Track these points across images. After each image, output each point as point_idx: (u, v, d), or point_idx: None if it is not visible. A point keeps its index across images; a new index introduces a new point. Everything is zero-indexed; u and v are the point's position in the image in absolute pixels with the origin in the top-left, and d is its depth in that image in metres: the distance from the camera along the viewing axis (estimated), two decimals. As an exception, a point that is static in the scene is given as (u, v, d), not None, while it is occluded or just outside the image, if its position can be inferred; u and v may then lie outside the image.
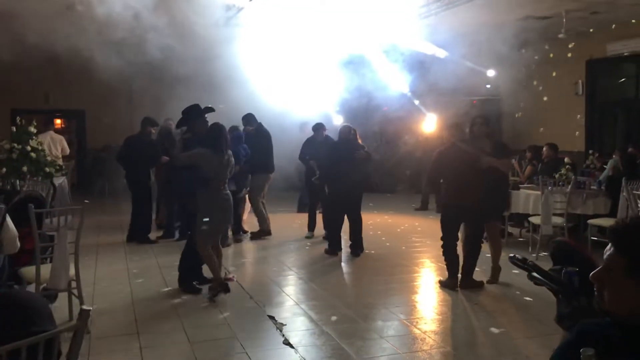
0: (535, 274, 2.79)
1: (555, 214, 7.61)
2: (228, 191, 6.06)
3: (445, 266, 6.39)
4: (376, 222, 10.50)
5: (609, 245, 1.65)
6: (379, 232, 9.59)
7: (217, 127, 6.02)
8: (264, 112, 9.54)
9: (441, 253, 6.42)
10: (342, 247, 8.16)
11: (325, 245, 8.17)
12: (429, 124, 12.80)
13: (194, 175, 5.86)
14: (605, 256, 1.65)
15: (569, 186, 7.68)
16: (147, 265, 7.32)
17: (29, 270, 4.83)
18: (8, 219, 4.18)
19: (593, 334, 1.61)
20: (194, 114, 6.17)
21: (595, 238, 7.52)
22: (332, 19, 9.56)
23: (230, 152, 6.10)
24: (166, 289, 6.21)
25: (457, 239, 6.37)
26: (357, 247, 8.02)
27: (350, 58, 11.41)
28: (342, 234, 8.24)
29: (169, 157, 8.81)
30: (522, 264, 2.90)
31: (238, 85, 10.14)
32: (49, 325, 1.70)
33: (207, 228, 5.85)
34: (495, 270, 6.49)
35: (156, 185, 9.58)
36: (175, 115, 11.11)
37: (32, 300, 1.77)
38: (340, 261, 7.77)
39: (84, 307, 1.80)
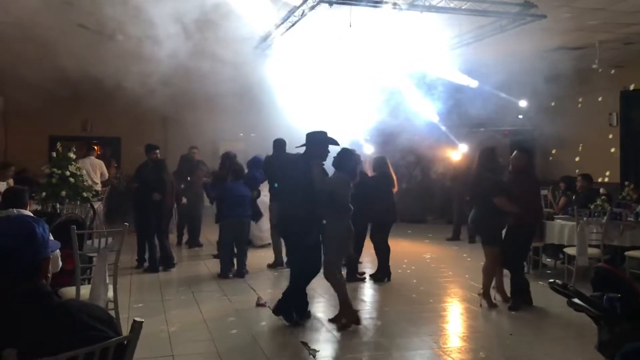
0: (576, 300, 2.78)
1: (590, 246, 7.49)
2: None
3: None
4: (407, 251, 10.42)
5: None
6: (410, 261, 9.52)
7: (351, 152, 5.97)
8: (295, 140, 9.60)
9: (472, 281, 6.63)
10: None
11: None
12: (459, 154, 12.78)
13: (329, 201, 5.64)
14: None
15: (605, 217, 7.56)
16: (180, 291, 7.38)
17: (68, 291, 4.94)
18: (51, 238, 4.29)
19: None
20: (319, 140, 5.92)
21: (635, 270, 7.37)
22: (365, 48, 9.68)
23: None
24: (199, 313, 6.27)
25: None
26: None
27: (382, 87, 11.50)
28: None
29: (190, 183, 8.84)
30: (562, 289, 2.89)
31: (271, 113, 10.28)
32: (111, 331, 1.76)
33: (337, 257, 5.79)
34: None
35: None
36: (205, 142, 11.38)
37: (89, 307, 1.82)
38: (370, 288, 7.74)
39: (137, 318, 1.86)
